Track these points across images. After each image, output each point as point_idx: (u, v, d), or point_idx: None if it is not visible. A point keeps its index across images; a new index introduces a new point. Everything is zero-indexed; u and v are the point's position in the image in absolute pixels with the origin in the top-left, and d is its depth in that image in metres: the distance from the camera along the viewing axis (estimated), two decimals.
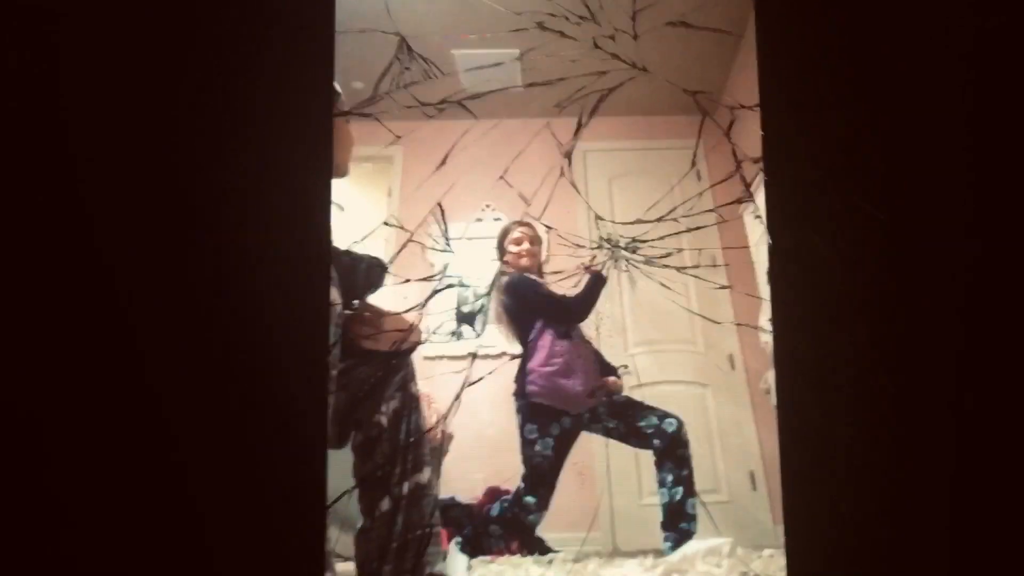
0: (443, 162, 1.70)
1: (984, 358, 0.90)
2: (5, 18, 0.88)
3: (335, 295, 1.50)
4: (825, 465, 0.95)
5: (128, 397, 0.83)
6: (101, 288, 0.85)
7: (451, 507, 3.47)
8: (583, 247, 2.93)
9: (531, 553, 3.05)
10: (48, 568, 0.80)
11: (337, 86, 1.70)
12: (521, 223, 3.15)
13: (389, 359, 1.78)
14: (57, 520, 0.80)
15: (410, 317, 1.88)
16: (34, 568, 0.79)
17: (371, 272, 1.84)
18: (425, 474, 1.69)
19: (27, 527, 0.79)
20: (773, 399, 1.03)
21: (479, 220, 4.69)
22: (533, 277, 3.06)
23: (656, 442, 2.84)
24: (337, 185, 1.70)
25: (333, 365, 1.50)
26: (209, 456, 0.85)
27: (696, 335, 4.56)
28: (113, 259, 0.86)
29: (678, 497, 2.75)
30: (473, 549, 2.87)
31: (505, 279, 3.09)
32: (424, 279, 1.97)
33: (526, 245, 3.12)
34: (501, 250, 3.18)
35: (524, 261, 3.11)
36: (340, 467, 1.69)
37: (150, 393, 0.84)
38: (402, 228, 1.64)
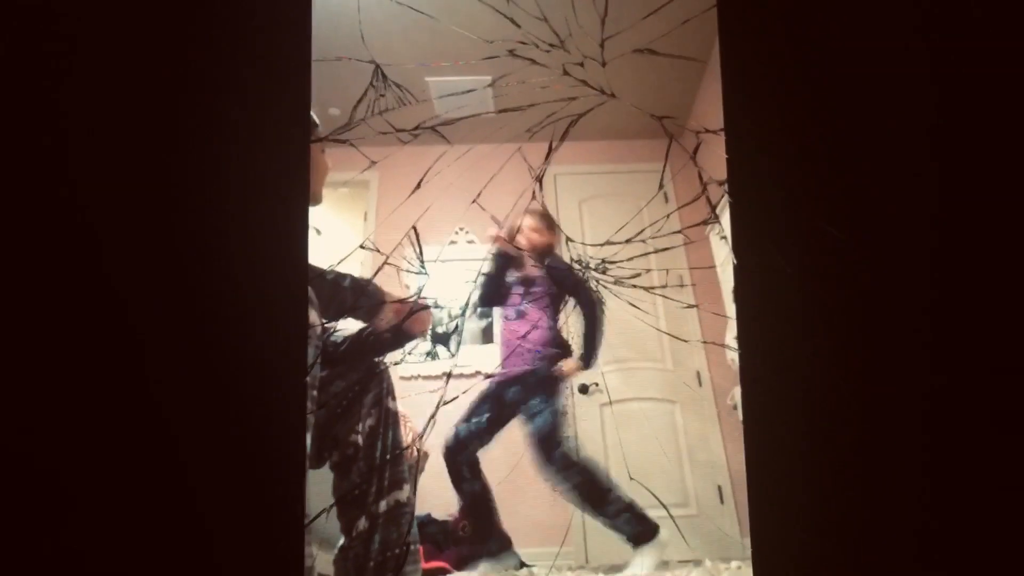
0: (418, 186, 1.70)
1: (947, 373, 0.91)
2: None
3: (313, 317, 1.49)
4: (790, 478, 0.95)
5: (113, 416, 0.83)
6: (92, 308, 0.85)
7: (427, 524, 3.46)
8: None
9: (506, 568, 3.04)
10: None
11: (314, 115, 1.71)
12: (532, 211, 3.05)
13: (371, 371, 1.79)
14: (45, 527, 0.80)
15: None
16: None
17: (356, 290, 1.85)
18: (404, 492, 1.68)
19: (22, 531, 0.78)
20: (740, 415, 1.03)
21: (453, 243, 4.70)
22: (505, 252, 3.01)
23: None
24: (314, 209, 1.71)
25: (312, 385, 1.49)
26: (191, 476, 0.85)
27: (665, 353, 4.58)
28: (98, 282, 0.86)
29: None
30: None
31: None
32: (399, 301, 1.97)
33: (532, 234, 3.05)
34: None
35: (523, 240, 3.04)
36: (322, 486, 1.68)
37: (130, 414, 0.84)
38: (378, 251, 1.64)
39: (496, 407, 2.97)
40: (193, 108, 0.94)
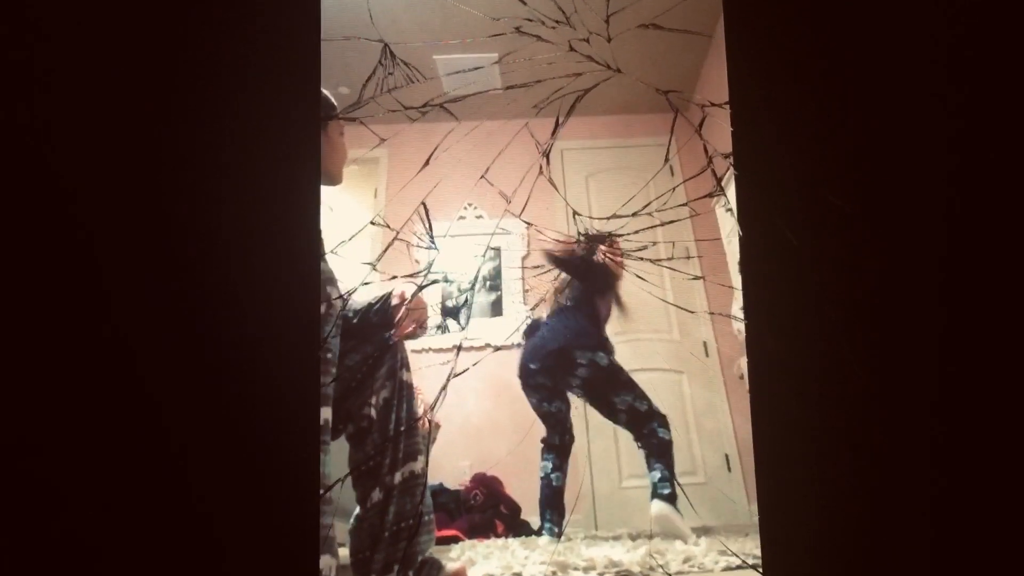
0: (426, 163, 1.69)
1: (953, 346, 0.91)
2: None
3: (333, 292, 1.50)
4: (796, 446, 0.95)
5: (127, 394, 0.83)
6: (99, 290, 0.85)
7: (439, 493, 3.49)
8: (562, 242, 2.94)
9: (517, 535, 3.06)
10: (49, 562, 0.80)
11: (330, 95, 1.71)
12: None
13: (384, 344, 1.79)
14: (56, 514, 0.80)
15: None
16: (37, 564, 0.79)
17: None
18: (419, 463, 1.69)
19: (28, 527, 0.79)
20: (746, 384, 1.03)
21: (462, 218, 4.71)
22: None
23: None
24: (327, 187, 1.71)
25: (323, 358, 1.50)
26: (209, 448, 0.85)
27: (672, 324, 4.59)
28: (111, 262, 0.86)
29: None
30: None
31: None
32: (410, 276, 1.97)
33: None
34: None
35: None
36: (338, 457, 1.69)
37: (149, 390, 0.84)
38: (388, 227, 1.64)
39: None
40: (206, 88, 0.94)
